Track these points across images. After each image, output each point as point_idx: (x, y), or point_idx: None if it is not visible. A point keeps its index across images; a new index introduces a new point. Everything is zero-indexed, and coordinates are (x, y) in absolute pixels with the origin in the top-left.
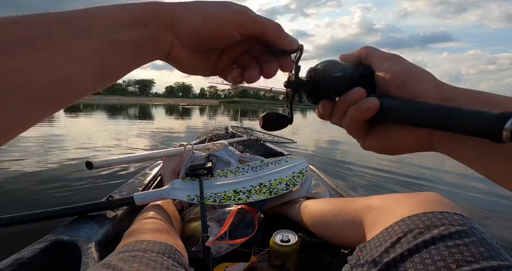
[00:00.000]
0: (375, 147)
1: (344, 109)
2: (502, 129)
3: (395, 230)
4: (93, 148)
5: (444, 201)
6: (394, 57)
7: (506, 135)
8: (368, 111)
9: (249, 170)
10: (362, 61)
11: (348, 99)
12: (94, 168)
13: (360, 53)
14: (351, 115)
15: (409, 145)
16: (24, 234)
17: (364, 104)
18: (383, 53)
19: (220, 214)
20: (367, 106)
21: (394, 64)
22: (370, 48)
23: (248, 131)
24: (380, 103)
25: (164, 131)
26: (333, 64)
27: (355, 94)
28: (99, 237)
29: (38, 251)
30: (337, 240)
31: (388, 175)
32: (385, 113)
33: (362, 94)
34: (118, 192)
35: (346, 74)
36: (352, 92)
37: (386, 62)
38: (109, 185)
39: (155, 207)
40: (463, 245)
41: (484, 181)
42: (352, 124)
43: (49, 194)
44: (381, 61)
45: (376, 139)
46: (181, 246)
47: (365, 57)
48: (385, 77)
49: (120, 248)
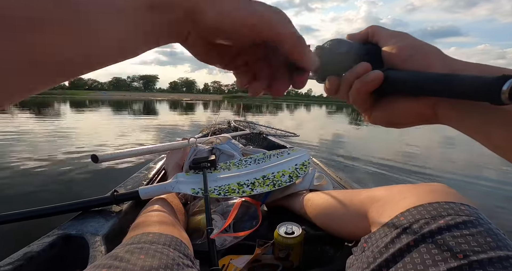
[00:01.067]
0: (381, 120)
1: (350, 82)
2: (500, 91)
3: (401, 220)
4: (99, 143)
5: (450, 192)
6: (401, 34)
7: (504, 97)
8: (372, 82)
9: (252, 162)
10: (369, 39)
11: (353, 73)
12: (100, 161)
13: (367, 31)
14: (356, 87)
15: (414, 117)
16: (33, 228)
17: (368, 77)
18: (390, 31)
19: (224, 207)
20: (370, 78)
21: (401, 40)
22: (376, 26)
23: (250, 125)
24: (384, 75)
25: (167, 126)
26: (340, 42)
27: (360, 68)
28: (106, 230)
29: (47, 245)
30: (341, 232)
31: (393, 168)
32: (389, 85)
33: (367, 67)
34: (123, 186)
35: (352, 51)
36: (358, 66)
37: (392, 38)
38: (114, 178)
39: (160, 200)
40: (470, 235)
41: (494, 171)
42: (358, 97)
43: (55, 189)
44: (387, 38)
45: (382, 112)
46: (186, 239)
47: (372, 35)
48: (392, 52)
49: (127, 241)
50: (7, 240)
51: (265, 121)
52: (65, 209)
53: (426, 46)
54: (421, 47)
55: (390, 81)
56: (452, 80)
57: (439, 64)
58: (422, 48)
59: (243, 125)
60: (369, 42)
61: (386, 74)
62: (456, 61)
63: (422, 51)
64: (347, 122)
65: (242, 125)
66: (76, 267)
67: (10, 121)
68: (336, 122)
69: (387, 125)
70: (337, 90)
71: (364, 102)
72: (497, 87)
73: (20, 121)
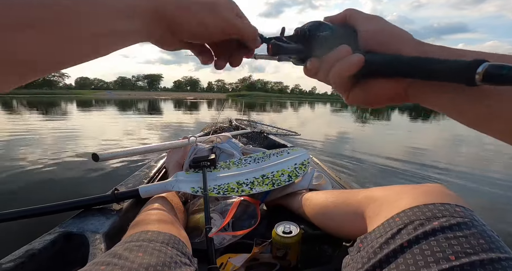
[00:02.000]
0: (358, 100)
1: (330, 65)
2: (475, 73)
3: (396, 221)
4: (103, 142)
5: (446, 193)
6: (376, 18)
7: (478, 78)
8: (354, 66)
9: (251, 162)
10: (347, 22)
11: (334, 56)
12: (100, 160)
13: (344, 14)
14: (337, 70)
15: (388, 96)
16: (34, 226)
17: (350, 60)
18: (366, 14)
19: (223, 206)
20: (352, 61)
21: (376, 24)
22: (353, 9)
23: (251, 124)
24: (365, 58)
25: (172, 124)
26: (320, 24)
27: (341, 51)
28: (106, 228)
29: (48, 242)
30: (339, 231)
31: (397, 166)
32: (368, 68)
33: (348, 51)
34: (124, 184)
35: (332, 34)
36: (338, 49)
37: (368, 22)
38: (117, 176)
39: (160, 199)
40: (463, 237)
41: (497, 173)
42: (338, 79)
43: (58, 187)
44: (363, 21)
45: (359, 93)
46: (185, 237)
47: (349, 18)
48: (368, 36)
49: (126, 238)
50: (9, 237)
51: (269, 119)
52: (66, 207)
53: (399, 30)
54: (393, 31)
55: (369, 64)
56: (430, 63)
57: (412, 47)
58: (396, 32)
59: (244, 123)
60: (346, 24)
61: (366, 58)
62: (429, 45)
63: (395, 35)
64: (351, 120)
65: (244, 124)
66: (77, 264)
67: (17, 120)
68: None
69: (364, 104)
70: (317, 72)
71: (343, 84)
72: (472, 69)
73: (27, 121)
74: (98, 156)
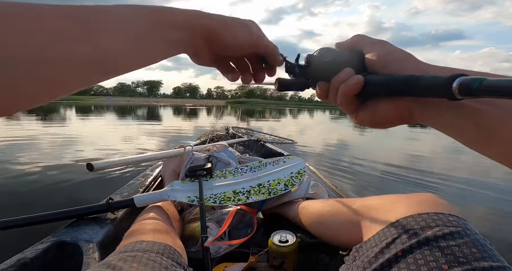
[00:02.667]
0: (366, 120)
1: (337, 87)
2: (451, 87)
3: (391, 230)
4: (100, 149)
5: (439, 202)
6: (380, 42)
7: (456, 92)
8: (355, 86)
9: (247, 170)
10: (354, 47)
11: (339, 79)
12: (95, 170)
13: (352, 40)
14: (341, 91)
15: (394, 117)
16: (27, 235)
17: (351, 81)
18: (371, 39)
19: (219, 215)
20: (353, 82)
21: (380, 47)
22: (360, 35)
23: (248, 132)
24: (365, 79)
25: (170, 131)
26: (327, 50)
27: (344, 74)
28: (100, 238)
29: (41, 251)
30: (335, 240)
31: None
32: (369, 88)
33: (350, 73)
34: (119, 193)
35: (339, 58)
36: (342, 72)
37: (373, 46)
38: (111, 185)
39: (155, 208)
40: (456, 246)
41: (491, 184)
42: (344, 100)
43: (53, 196)
44: (369, 46)
45: (366, 114)
46: (180, 247)
47: (356, 43)
48: (373, 59)
49: (120, 248)
50: (1, 246)
51: (268, 126)
52: (59, 217)
53: (401, 53)
54: (396, 54)
55: (370, 84)
56: (414, 81)
57: (411, 69)
58: (397, 54)
59: (241, 132)
60: (354, 49)
61: (366, 78)
62: (427, 65)
63: (397, 57)
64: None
65: (240, 132)
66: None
67: (15, 126)
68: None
69: (371, 125)
70: (327, 95)
71: (350, 105)
72: (449, 84)
73: (24, 126)
74: (93, 166)
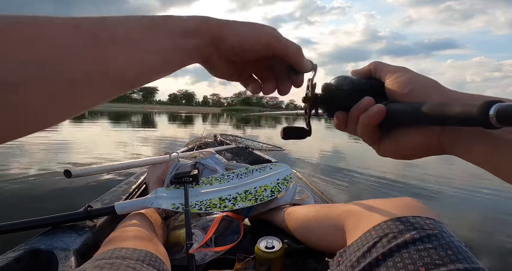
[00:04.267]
0: (389, 152)
1: (356, 117)
2: (488, 114)
3: (372, 234)
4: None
5: (417, 206)
6: (401, 69)
7: (493, 120)
8: (376, 115)
9: (234, 177)
10: (372, 75)
11: (358, 108)
12: (73, 176)
13: (369, 67)
14: (362, 121)
15: (421, 148)
16: None
17: (372, 110)
18: (391, 66)
19: (205, 222)
20: (374, 111)
21: (401, 74)
22: (378, 62)
23: (236, 139)
24: (387, 108)
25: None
26: (345, 79)
27: (364, 103)
28: (78, 245)
29: (12, 259)
30: (321, 245)
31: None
32: (392, 117)
33: (370, 102)
34: (99, 200)
35: (356, 87)
36: (362, 101)
37: (393, 73)
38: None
39: (138, 215)
40: (433, 248)
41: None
42: (365, 131)
43: (26, 203)
44: (388, 73)
45: (389, 145)
46: (163, 254)
47: (374, 71)
48: (393, 87)
49: (97, 256)
50: None
51: (263, 134)
52: (33, 225)
53: (425, 79)
54: (420, 80)
55: (392, 113)
56: (445, 108)
57: (437, 96)
58: (421, 81)
59: (229, 139)
60: (372, 77)
61: (388, 107)
62: (453, 92)
63: (421, 84)
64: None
65: (228, 139)
66: None
67: None
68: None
69: (396, 157)
70: (346, 125)
71: (371, 135)
72: (486, 111)
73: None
74: (71, 173)
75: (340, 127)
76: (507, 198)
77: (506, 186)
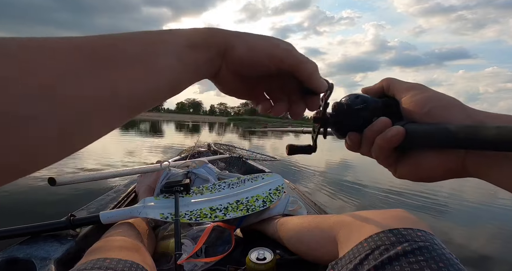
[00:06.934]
0: (407, 175)
1: (371, 139)
2: None
3: (364, 246)
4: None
5: (409, 218)
6: (418, 86)
7: None
8: (394, 138)
9: (225, 187)
10: (385, 92)
11: (373, 129)
12: (58, 184)
13: (381, 84)
14: (378, 143)
15: (442, 171)
16: None
17: (389, 132)
18: (406, 83)
19: (195, 232)
20: (392, 133)
21: (418, 92)
22: (391, 79)
23: (230, 148)
24: (406, 129)
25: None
26: (356, 97)
27: (380, 124)
28: (59, 254)
29: None
30: (313, 256)
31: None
32: (412, 139)
33: (387, 123)
34: (85, 208)
35: (369, 106)
36: (377, 122)
37: (409, 91)
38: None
39: (125, 224)
40: (424, 261)
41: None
42: (381, 153)
43: (7, 211)
44: (404, 91)
45: (407, 167)
46: (150, 265)
47: (387, 89)
48: (411, 106)
49: (80, 266)
50: None
51: (270, 144)
52: (10, 234)
53: (445, 98)
54: (439, 99)
55: (412, 135)
56: (476, 131)
57: (460, 116)
58: (441, 100)
59: (223, 148)
60: (385, 95)
61: (407, 128)
62: (477, 111)
63: (441, 104)
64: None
65: (222, 148)
66: None
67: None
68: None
69: (414, 180)
70: (359, 147)
71: (387, 158)
72: None
73: None
74: (55, 181)
75: (352, 149)
76: None
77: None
